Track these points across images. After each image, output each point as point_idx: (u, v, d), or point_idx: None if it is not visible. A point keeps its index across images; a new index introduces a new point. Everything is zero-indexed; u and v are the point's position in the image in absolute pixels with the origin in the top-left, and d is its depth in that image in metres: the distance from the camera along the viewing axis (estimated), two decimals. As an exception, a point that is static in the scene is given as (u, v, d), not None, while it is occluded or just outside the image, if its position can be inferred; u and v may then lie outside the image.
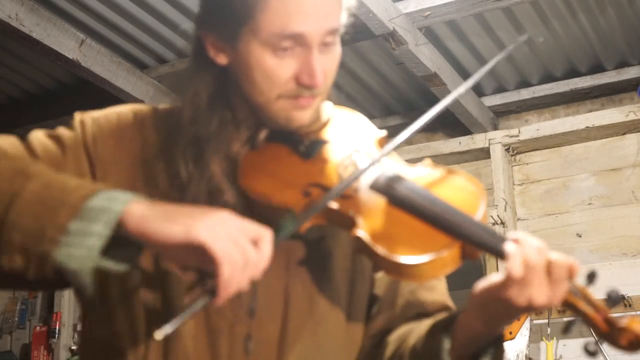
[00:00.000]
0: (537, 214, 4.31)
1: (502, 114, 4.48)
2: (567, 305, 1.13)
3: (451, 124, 4.38)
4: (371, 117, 4.60)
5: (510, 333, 3.93)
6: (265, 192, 1.24)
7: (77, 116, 1.32)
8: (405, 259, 1.13)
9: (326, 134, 1.31)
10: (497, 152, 4.33)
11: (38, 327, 4.97)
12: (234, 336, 1.23)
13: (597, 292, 1.14)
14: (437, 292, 1.37)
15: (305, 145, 1.28)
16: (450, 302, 1.38)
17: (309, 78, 1.22)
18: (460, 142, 4.43)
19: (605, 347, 1.11)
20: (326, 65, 1.25)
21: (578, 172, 4.26)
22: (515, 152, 4.40)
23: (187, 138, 1.26)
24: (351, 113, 1.38)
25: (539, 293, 1.11)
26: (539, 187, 4.34)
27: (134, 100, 3.92)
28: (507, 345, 3.93)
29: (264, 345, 1.25)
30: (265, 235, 1.08)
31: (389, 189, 1.22)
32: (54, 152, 1.26)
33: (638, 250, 4.03)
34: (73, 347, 4.79)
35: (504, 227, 4.20)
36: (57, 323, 4.83)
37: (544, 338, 3.98)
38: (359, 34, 3.52)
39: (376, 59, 4.02)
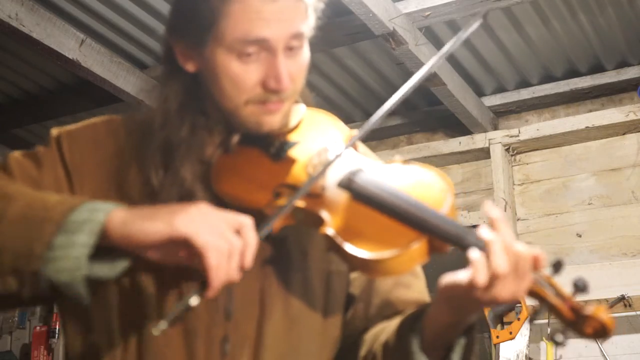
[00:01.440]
0: (537, 214, 4.30)
1: (502, 114, 4.48)
2: (533, 295, 1.13)
3: (451, 124, 4.38)
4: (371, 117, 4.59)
5: (510, 333, 3.93)
6: (237, 194, 1.26)
7: (53, 132, 1.34)
8: (372, 254, 1.15)
9: (297, 135, 1.33)
10: (497, 152, 4.33)
11: (38, 327, 4.97)
12: (211, 338, 1.24)
13: (598, 293, 1.14)
14: (414, 290, 1.37)
15: (275, 147, 1.30)
16: (427, 299, 1.37)
17: (276, 82, 1.24)
18: (460, 142, 4.43)
19: (604, 346, 1.11)
20: (293, 69, 1.26)
21: (578, 172, 4.26)
22: (515, 152, 4.40)
23: (157, 143, 1.28)
24: (323, 114, 1.39)
25: (504, 290, 1.11)
26: (539, 187, 4.34)
27: (134, 100, 3.92)
28: (506, 345, 3.93)
29: (240, 347, 1.25)
30: (247, 222, 1.11)
31: (355, 186, 1.23)
32: (31, 170, 1.28)
33: (638, 250, 4.03)
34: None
35: (504, 227, 4.19)
36: (57, 323, 4.83)
37: (544, 338, 3.97)
38: (359, 34, 3.52)
39: (376, 59, 4.02)
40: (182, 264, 1.12)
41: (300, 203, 1.21)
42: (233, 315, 1.25)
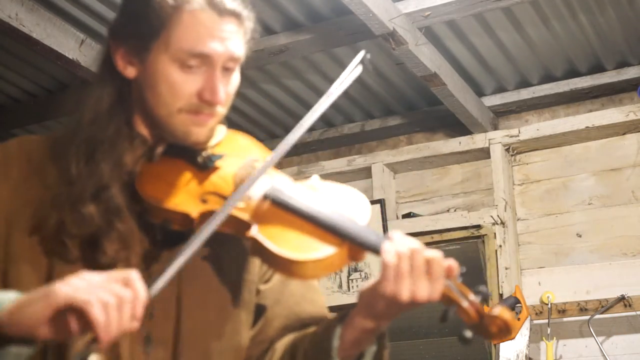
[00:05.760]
0: (537, 214, 4.30)
1: (502, 114, 4.48)
2: (446, 299, 1.26)
3: (451, 124, 4.38)
4: (371, 117, 4.59)
5: (510, 333, 3.93)
6: (162, 197, 1.31)
7: None
8: (296, 255, 1.25)
9: (222, 149, 1.41)
10: (497, 152, 4.33)
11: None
12: (135, 337, 1.27)
13: (598, 293, 1.15)
14: (318, 305, 1.49)
15: (202, 157, 1.37)
16: (329, 315, 1.47)
17: (211, 95, 1.31)
18: (460, 142, 4.43)
19: (603, 346, 1.13)
20: (226, 88, 1.35)
21: (578, 172, 4.25)
22: (515, 152, 4.39)
23: (82, 137, 1.34)
24: (242, 135, 1.48)
25: (421, 288, 1.22)
26: (539, 187, 4.34)
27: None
28: (506, 345, 3.93)
29: (161, 346, 1.30)
30: (132, 274, 1.11)
31: (279, 195, 1.32)
32: None
33: (638, 250, 4.02)
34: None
35: (504, 227, 4.20)
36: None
37: (544, 338, 3.97)
38: (359, 34, 3.52)
39: (376, 59, 4.02)
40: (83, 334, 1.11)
41: (230, 211, 1.28)
42: (154, 314, 1.30)
